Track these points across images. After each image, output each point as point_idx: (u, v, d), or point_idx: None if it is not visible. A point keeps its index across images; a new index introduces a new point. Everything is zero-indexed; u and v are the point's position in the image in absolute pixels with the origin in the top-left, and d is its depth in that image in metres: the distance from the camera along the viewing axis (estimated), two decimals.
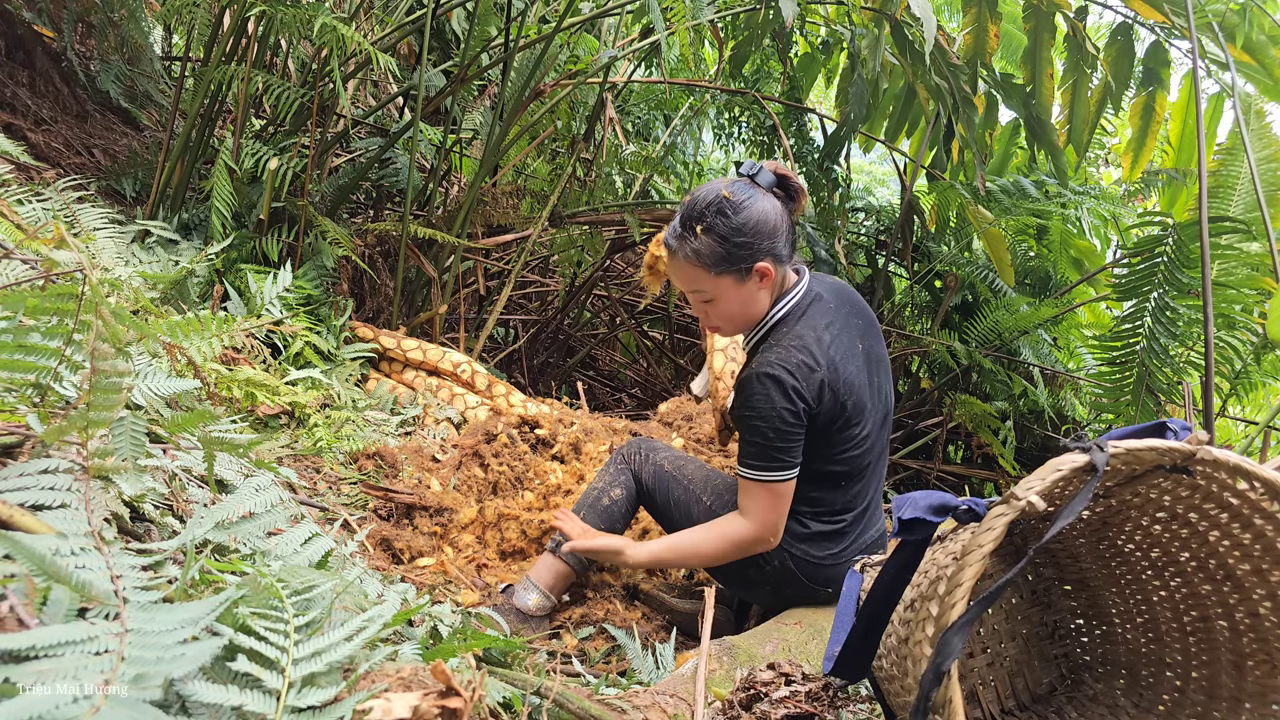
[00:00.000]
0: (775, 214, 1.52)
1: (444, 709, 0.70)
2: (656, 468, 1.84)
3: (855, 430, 1.56)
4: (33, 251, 1.58)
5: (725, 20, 3.66)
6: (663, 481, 1.82)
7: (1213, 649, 1.02)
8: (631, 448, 1.88)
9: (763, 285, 1.54)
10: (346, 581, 0.93)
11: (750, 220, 1.48)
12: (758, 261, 1.51)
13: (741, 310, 1.57)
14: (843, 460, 1.58)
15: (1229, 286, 2.79)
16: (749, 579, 1.69)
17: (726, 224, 1.48)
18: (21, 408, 0.98)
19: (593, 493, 1.84)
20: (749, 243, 1.49)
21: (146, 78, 3.52)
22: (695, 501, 1.77)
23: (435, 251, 3.09)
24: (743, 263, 1.50)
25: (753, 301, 1.56)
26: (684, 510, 1.78)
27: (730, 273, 1.51)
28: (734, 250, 1.49)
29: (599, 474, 1.89)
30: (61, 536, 0.78)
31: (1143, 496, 0.97)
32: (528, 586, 1.76)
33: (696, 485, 1.79)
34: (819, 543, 1.64)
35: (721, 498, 1.75)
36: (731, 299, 1.54)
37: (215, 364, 1.98)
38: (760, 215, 1.49)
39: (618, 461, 1.88)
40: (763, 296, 1.57)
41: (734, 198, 1.49)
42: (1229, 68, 2.60)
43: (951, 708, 0.77)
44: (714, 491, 1.77)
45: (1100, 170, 4.94)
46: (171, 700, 0.64)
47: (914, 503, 0.94)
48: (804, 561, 1.64)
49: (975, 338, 3.53)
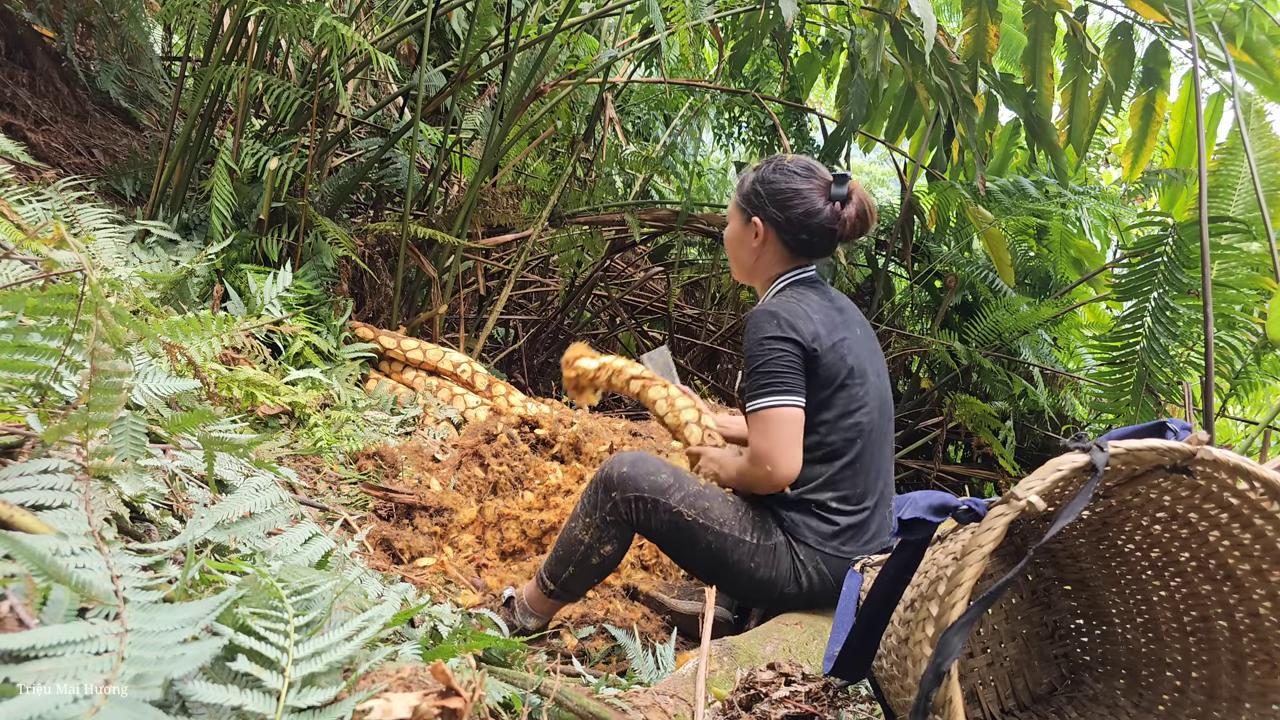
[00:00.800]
0: (808, 205, 1.64)
1: (444, 709, 0.70)
2: (673, 519, 1.58)
3: (857, 389, 1.61)
4: (33, 251, 1.58)
5: (725, 20, 3.66)
6: (686, 533, 1.59)
7: (1213, 649, 1.02)
8: (630, 503, 1.60)
9: (757, 242, 1.69)
10: (346, 582, 0.93)
11: (778, 186, 1.65)
12: (757, 216, 1.68)
13: (733, 249, 1.76)
14: (849, 427, 1.61)
15: (1229, 286, 2.79)
16: (785, 597, 1.61)
17: (771, 174, 1.68)
18: (21, 408, 0.98)
19: (578, 548, 1.63)
20: (764, 198, 1.67)
21: (146, 78, 3.52)
22: (735, 545, 1.59)
23: (435, 251, 3.09)
24: (750, 208, 1.69)
25: (744, 250, 1.73)
26: (718, 556, 1.59)
27: (740, 210, 1.72)
28: (752, 194, 1.69)
29: (579, 520, 1.65)
30: (61, 536, 0.78)
31: (1143, 496, 0.97)
32: (526, 613, 1.71)
33: (730, 525, 1.60)
34: (847, 537, 1.61)
35: (764, 530, 1.61)
36: (732, 231, 1.75)
37: (215, 364, 1.99)
38: (791, 191, 1.64)
39: (605, 512, 1.61)
40: (753, 256, 1.72)
41: (786, 164, 1.68)
42: (1229, 68, 2.60)
43: (951, 708, 0.77)
44: (753, 526, 1.61)
45: (1100, 170, 4.95)
46: (171, 700, 0.64)
47: (914, 503, 0.94)
48: (835, 559, 1.60)
49: (975, 338, 3.53)
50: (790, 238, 1.66)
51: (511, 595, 1.75)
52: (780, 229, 1.66)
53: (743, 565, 1.59)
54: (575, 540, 1.64)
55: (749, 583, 1.61)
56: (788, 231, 1.65)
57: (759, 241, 1.68)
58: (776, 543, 1.60)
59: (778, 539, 1.60)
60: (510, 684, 0.93)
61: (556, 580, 1.66)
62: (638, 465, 1.61)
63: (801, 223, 1.64)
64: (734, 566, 1.60)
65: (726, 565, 1.60)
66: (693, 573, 1.72)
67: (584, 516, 1.64)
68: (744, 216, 1.70)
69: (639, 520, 1.60)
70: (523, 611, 1.71)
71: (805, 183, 1.64)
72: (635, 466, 1.61)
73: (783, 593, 1.61)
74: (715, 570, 1.62)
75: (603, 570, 1.65)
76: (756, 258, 1.71)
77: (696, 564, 1.64)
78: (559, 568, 1.65)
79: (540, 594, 1.68)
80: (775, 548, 1.60)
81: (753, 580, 1.61)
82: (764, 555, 1.59)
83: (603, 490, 1.62)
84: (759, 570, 1.59)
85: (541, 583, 1.68)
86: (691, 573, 1.73)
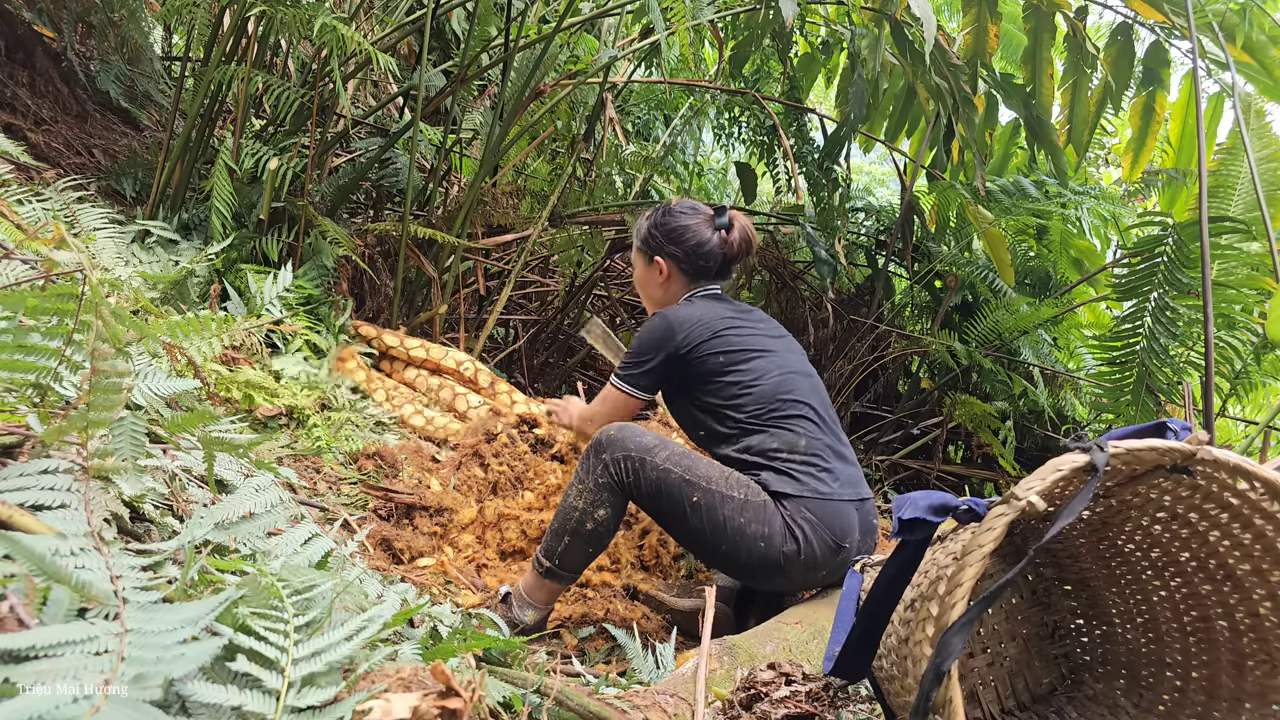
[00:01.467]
0: (698, 237, 1.93)
1: (444, 709, 0.70)
2: (661, 476, 1.64)
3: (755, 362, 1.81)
4: (33, 251, 1.58)
5: (725, 20, 3.66)
6: (672, 489, 1.64)
7: (1213, 649, 1.02)
8: (618, 463, 1.66)
9: (662, 277, 1.96)
10: (346, 582, 0.93)
11: (670, 226, 1.95)
12: (658, 255, 1.96)
13: (643, 287, 2.04)
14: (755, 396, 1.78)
15: (1229, 286, 2.79)
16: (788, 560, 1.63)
17: (656, 219, 1.99)
18: (22, 408, 0.98)
19: (573, 514, 1.67)
20: (660, 239, 1.96)
21: (146, 78, 3.52)
22: (723, 501, 1.63)
23: (435, 251, 3.09)
24: (651, 249, 1.98)
25: (653, 284, 1.99)
26: (709, 514, 1.63)
27: (642, 253, 2.01)
28: (648, 238, 1.99)
29: (573, 488, 1.70)
30: (61, 537, 0.78)
31: (1143, 496, 0.97)
32: (523, 604, 1.71)
33: (717, 482, 1.65)
34: (815, 481, 1.67)
35: (750, 488, 1.66)
36: (638, 273, 2.04)
37: (215, 364, 1.99)
38: (682, 228, 1.94)
39: (597, 475, 1.67)
40: (664, 287, 1.98)
41: (673, 206, 1.98)
42: (1229, 68, 2.60)
43: (951, 708, 0.77)
44: (738, 484, 1.66)
45: (1100, 170, 4.95)
46: (171, 700, 0.64)
47: (914, 503, 0.94)
48: (819, 504, 1.64)
49: (975, 338, 3.53)
50: (689, 266, 1.94)
51: (508, 591, 1.75)
52: (678, 261, 1.94)
53: (734, 522, 1.63)
54: (570, 508, 1.69)
55: (748, 547, 1.63)
56: (685, 262, 1.94)
57: (664, 277, 1.96)
58: (764, 500, 1.65)
59: (764, 496, 1.66)
60: (510, 684, 0.93)
61: (552, 556, 1.67)
62: (624, 429, 1.71)
63: (695, 252, 1.92)
64: (727, 525, 1.63)
65: (719, 526, 1.63)
66: (688, 543, 1.72)
67: (577, 484, 1.70)
68: (646, 258, 1.98)
69: (628, 480, 1.66)
70: (520, 603, 1.71)
71: (691, 219, 1.94)
72: (622, 430, 1.71)
73: (783, 552, 1.62)
74: (711, 534, 1.64)
75: (597, 540, 1.69)
76: (664, 290, 1.98)
77: (690, 530, 1.66)
78: (554, 541, 1.68)
79: (537, 577, 1.70)
80: (764, 504, 1.65)
81: (750, 543, 1.63)
82: (754, 511, 1.64)
83: (593, 454, 1.70)
84: (750, 526, 1.62)
85: (538, 563, 1.70)
86: (687, 544, 1.73)
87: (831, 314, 3.88)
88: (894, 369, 3.96)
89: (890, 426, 3.79)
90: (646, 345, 1.84)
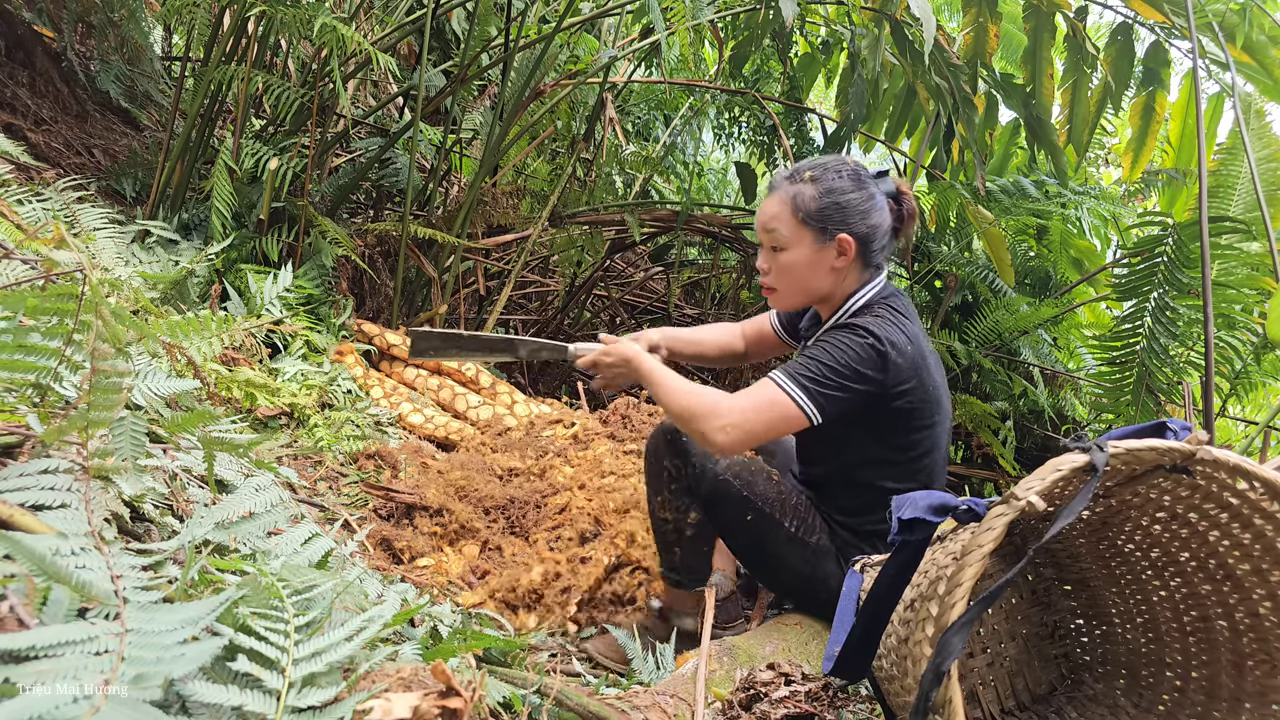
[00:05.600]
0: (879, 212, 1.52)
1: (444, 709, 0.70)
2: (720, 487, 1.53)
3: (938, 424, 1.52)
4: (33, 251, 1.58)
5: (725, 20, 3.66)
6: (728, 502, 1.53)
7: (1213, 649, 1.02)
8: (679, 468, 1.55)
9: (838, 261, 1.50)
10: (347, 581, 0.93)
11: (857, 197, 1.49)
12: (843, 232, 1.48)
13: (805, 274, 1.52)
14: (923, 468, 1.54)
15: (1229, 286, 2.79)
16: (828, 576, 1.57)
17: (837, 182, 1.49)
18: (22, 408, 0.98)
19: (666, 527, 1.59)
20: (844, 210, 1.48)
21: (146, 78, 3.52)
22: (774, 526, 1.53)
23: (435, 251, 3.09)
24: (830, 224, 1.48)
25: (820, 272, 1.51)
26: (758, 534, 1.53)
27: (813, 228, 1.49)
28: (827, 208, 1.48)
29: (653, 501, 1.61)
30: (62, 537, 0.78)
31: (1143, 496, 0.97)
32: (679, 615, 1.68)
33: (773, 505, 1.53)
34: None
35: (804, 522, 1.55)
36: (800, 255, 1.50)
37: (215, 364, 1.99)
38: (868, 201, 1.50)
39: (668, 483, 1.57)
40: (833, 277, 1.52)
41: (859, 171, 1.52)
42: (1229, 68, 2.60)
43: (951, 708, 0.77)
44: (793, 512, 1.54)
45: (1100, 170, 4.94)
46: (171, 700, 0.64)
47: (914, 503, 0.94)
48: None
49: (975, 338, 3.53)
50: (870, 248, 1.51)
51: (659, 606, 1.70)
52: (863, 241, 1.49)
53: (778, 551, 1.55)
54: (661, 521, 1.61)
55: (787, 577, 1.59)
56: (868, 243, 1.50)
57: (845, 259, 1.50)
58: (816, 541, 1.55)
59: (817, 536, 1.55)
60: (510, 683, 0.93)
61: (673, 568, 1.63)
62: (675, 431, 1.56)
63: (878, 230, 1.51)
64: (772, 550, 1.55)
65: (764, 549, 1.56)
66: (736, 554, 1.66)
67: (655, 496, 1.61)
68: (821, 236, 1.48)
69: (691, 484, 1.55)
70: (676, 615, 1.68)
71: (868, 186, 1.51)
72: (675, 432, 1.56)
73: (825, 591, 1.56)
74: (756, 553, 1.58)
75: (702, 538, 1.59)
76: (835, 280, 1.52)
77: (738, 545, 1.60)
78: (666, 555, 1.64)
79: (674, 591, 1.65)
80: (815, 546, 1.55)
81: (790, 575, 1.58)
82: (799, 546, 1.54)
83: (654, 460, 1.58)
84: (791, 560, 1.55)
85: (667, 579, 1.66)
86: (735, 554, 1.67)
87: None
88: None
89: None
90: (853, 365, 1.40)
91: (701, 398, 1.41)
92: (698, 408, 1.41)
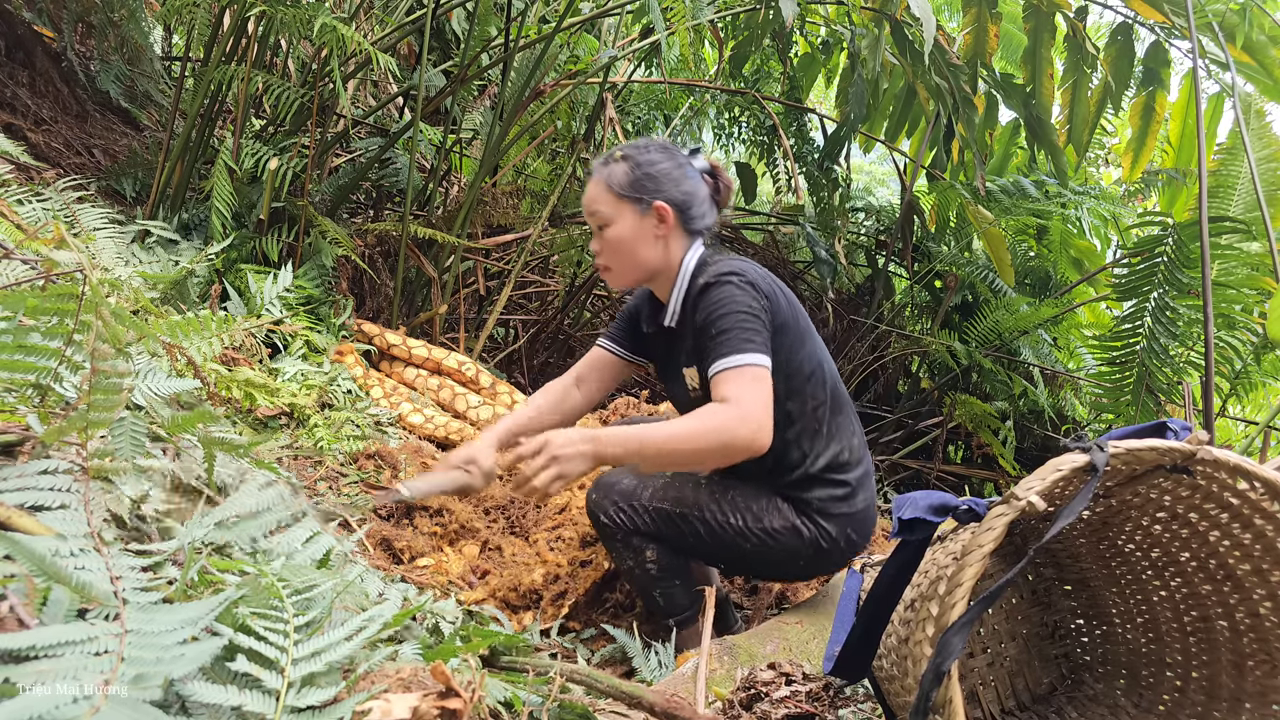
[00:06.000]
0: (693, 180, 1.59)
1: (443, 709, 0.70)
2: (654, 516, 1.56)
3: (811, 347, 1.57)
4: (33, 252, 1.58)
5: (725, 20, 3.66)
6: (669, 523, 1.56)
7: (1213, 649, 1.02)
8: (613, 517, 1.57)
9: (660, 229, 1.56)
10: (347, 581, 0.93)
11: (667, 166, 1.57)
12: (659, 200, 1.55)
13: (632, 246, 1.57)
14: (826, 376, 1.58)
15: (1229, 286, 2.79)
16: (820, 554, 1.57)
17: (645, 155, 1.57)
18: (22, 408, 0.98)
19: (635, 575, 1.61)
20: (657, 179, 1.55)
21: (146, 78, 3.52)
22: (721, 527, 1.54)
23: (435, 251, 3.09)
24: (645, 193, 1.55)
25: (646, 242, 1.57)
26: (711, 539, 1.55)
27: (631, 201, 1.55)
28: (641, 179, 1.55)
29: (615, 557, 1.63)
30: (61, 538, 0.78)
31: (1143, 496, 0.97)
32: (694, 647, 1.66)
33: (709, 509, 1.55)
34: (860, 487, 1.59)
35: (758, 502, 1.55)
36: (624, 228, 1.56)
37: (215, 364, 1.98)
38: (679, 169, 1.57)
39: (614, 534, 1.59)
40: (659, 247, 1.58)
41: (667, 145, 1.60)
42: (1229, 68, 2.60)
43: (951, 708, 0.77)
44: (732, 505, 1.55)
45: (1100, 170, 4.95)
46: (171, 700, 0.64)
47: (914, 503, 0.94)
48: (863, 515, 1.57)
49: (975, 338, 3.53)
50: (689, 214, 1.58)
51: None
52: (681, 208, 1.57)
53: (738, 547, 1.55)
54: (630, 572, 1.61)
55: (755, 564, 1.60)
56: (687, 209, 1.57)
57: (666, 227, 1.56)
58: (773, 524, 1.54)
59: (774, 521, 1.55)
60: (523, 671, 0.93)
61: (665, 614, 1.63)
62: (599, 485, 1.61)
63: (694, 197, 1.58)
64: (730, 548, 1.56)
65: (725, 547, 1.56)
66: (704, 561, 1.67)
67: (612, 553, 1.63)
68: (639, 205, 1.55)
69: (632, 526, 1.57)
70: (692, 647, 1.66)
71: (675, 159, 1.59)
72: (597, 487, 1.60)
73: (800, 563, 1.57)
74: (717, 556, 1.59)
75: (673, 572, 1.59)
76: (665, 247, 1.58)
77: (701, 555, 1.61)
78: (651, 604, 1.64)
79: (681, 632, 1.63)
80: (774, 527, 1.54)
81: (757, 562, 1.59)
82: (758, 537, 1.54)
83: (595, 519, 1.61)
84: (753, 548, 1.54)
85: (665, 625, 1.65)
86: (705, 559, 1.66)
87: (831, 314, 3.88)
88: (894, 369, 3.96)
89: (890, 426, 3.79)
90: (747, 304, 1.45)
91: (707, 422, 1.37)
92: (718, 432, 1.36)
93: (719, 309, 1.46)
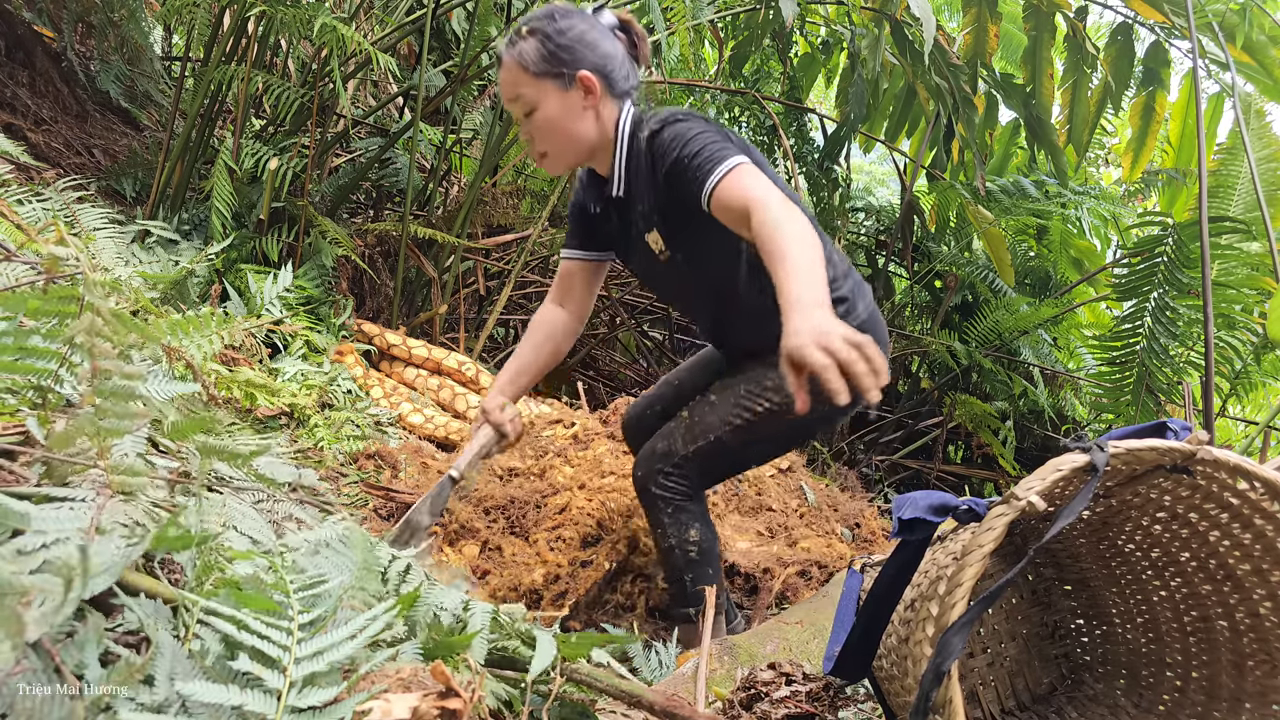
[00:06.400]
0: (607, 40, 1.49)
1: (443, 710, 0.70)
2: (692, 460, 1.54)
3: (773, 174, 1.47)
4: (34, 252, 1.58)
5: (725, 20, 3.66)
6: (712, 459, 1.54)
7: (1213, 649, 1.02)
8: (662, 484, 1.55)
9: (588, 101, 1.46)
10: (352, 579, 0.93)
11: (578, 30, 1.45)
12: (581, 69, 1.45)
13: (564, 124, 1.47)
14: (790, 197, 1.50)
15: (1229, 286, 2.80)
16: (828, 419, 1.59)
17: (552, 26, 1.44)
18: (23, 409, 0.98)
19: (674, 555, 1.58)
20: (573, 48, 1.44)
21: (146, 78, 3.52)
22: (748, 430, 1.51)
23: (435, 251, 3.09)
24: (565, 67, 1.44)
25: (576, 117, 1.47)
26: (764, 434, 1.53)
27: (551, 77, 1.44)
28: (556, 51, 1.44)
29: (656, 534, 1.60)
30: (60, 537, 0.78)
31: (1143, 496, 0.97)
32: None
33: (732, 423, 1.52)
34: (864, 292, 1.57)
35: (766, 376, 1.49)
36: (551, 108, 1.46)
37: (215, 364, 1.99)
38: (590, 32, 1.47)
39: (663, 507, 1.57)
40: (591, 119, 1.48)
41: (569, 10, 1.47)
42: (1229, 68, 2.60)
43: (951, 708, 0.77)
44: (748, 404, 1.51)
45: (1100, 170, 4.95)
46: (171, 700, 0.64)
47: (914, 503, 0.94)
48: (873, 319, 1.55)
49: (975, 338, 3.53)
50: (611, 78, 1.48)
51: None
52: (603, 73, 1.46)
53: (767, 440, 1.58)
54: (669, 554, 1.58)
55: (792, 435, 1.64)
56: (608, 72, 1.47)
57: (594, 97, 1.46)
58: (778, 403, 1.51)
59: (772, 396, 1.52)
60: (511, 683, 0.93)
61: (690, 601, 1.59)
62: (639, 459, 1.60)
63: (613, 57, 1.48)
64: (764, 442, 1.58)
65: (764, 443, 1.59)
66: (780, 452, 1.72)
67: (656, 529, 1.60)
68: (560, 81, 1.44)
69: (684, 486, 1.55)
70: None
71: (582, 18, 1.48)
72: (640, 461, 1.59)
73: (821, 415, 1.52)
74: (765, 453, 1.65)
75: (709, 559, 1.57)
76: (596, 117, 1.48)
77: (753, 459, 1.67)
78: (678, 591, 1.60)
79: (690, 627, 1.60)
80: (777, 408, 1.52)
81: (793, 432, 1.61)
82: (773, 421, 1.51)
83: (642, 494, 1.59)
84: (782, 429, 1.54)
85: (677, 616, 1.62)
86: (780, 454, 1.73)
87: None
88: (894, 369, 3.96)
89: (890, 426, 3.79)
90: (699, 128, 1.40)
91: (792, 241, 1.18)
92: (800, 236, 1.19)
93: (678, 142, 1.39)
